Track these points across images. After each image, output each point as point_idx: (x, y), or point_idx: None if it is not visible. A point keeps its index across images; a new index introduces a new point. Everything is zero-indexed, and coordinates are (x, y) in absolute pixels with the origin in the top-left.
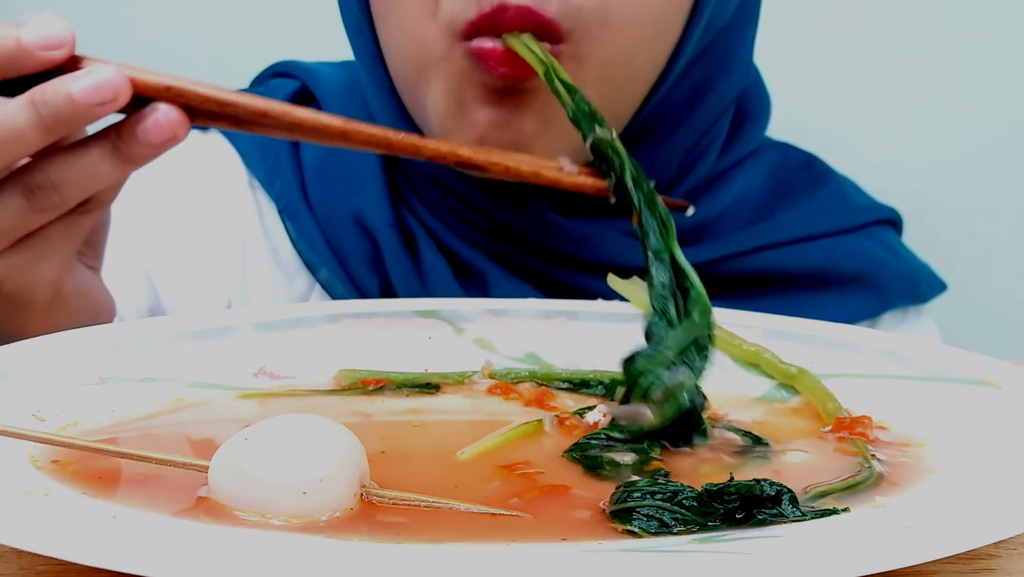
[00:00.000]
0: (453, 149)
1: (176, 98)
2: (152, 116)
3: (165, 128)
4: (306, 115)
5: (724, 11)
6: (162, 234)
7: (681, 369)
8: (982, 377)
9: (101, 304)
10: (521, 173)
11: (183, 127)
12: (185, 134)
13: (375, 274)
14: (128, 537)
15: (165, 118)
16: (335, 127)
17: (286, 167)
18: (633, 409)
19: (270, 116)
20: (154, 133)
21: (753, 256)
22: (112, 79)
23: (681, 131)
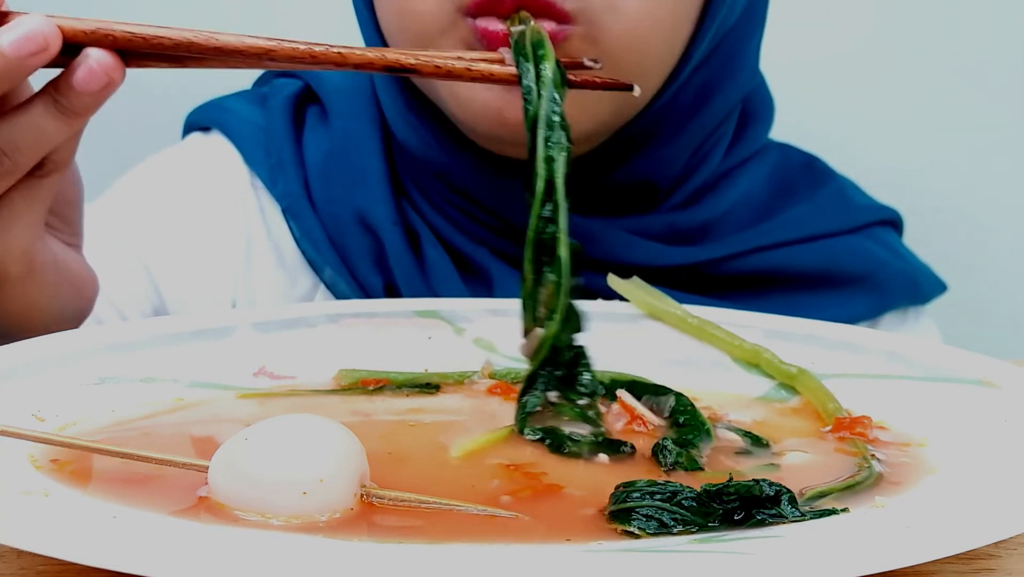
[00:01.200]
0: (381, 54)
1: (104, 39)
2: (84, 64)
3: (100, 74)
4: (230, 39)
5: (732, 13)
6: (166, 235)
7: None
8: (982, 377)
9: (81, 279)
10: (453, 70)
11: (118, 70)
12: (121, 77)
13: (379, 272)
14: (128, 537)
15: (98, 64)
16: (259, 47)
17: (289, 166)
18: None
19: (195, 45)
20: (90, 81)
21: (754, 256)
22: (40, 27)
23: (687, 132)
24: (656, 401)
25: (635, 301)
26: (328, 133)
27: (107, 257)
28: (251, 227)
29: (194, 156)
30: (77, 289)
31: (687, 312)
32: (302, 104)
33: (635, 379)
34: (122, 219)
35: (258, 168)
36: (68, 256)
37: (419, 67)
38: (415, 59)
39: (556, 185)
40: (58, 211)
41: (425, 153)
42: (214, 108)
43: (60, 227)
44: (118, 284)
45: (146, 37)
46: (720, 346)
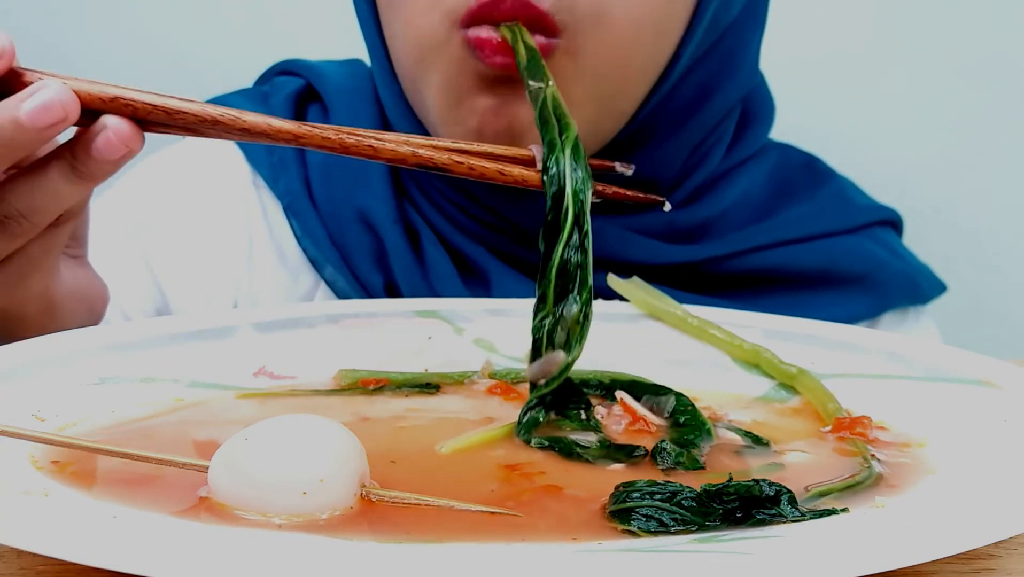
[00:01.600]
0: (413, 151)
1: (123, 109)
2: (103, 133)
3: (118, 144)
4: (256, 120)
5: (730, 11)
6: (168, 234)
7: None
8: (982, 377)
9: (94, 298)
10: (486, 173)
11: (136, 140)
12: (140, 145)
13: (379, 271)
14: (128, 537)
15: (116, 134)
16: (287, 131)
17: (291, 165)
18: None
19: (221, 123)
20: (108, 150)
21: (754, 255)
22: (59, 97)
23: (685, 130)
24: (656, 401)
25: (635, 301)
26: None
27: (110, 256)
28: (253, 225)
29: (196, 155)
30: (90, 307)
31: (687, 312)
32: (303, 102)
33: (635, 379)
34: (125, 218)
35: (260, 166)
36: (79, 277)
37: (450, 167)
38: (448, 159)
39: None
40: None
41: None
42: None
43: (68, 243)
44: (122, 283)
45: (168, 110)
46: (720, 346)
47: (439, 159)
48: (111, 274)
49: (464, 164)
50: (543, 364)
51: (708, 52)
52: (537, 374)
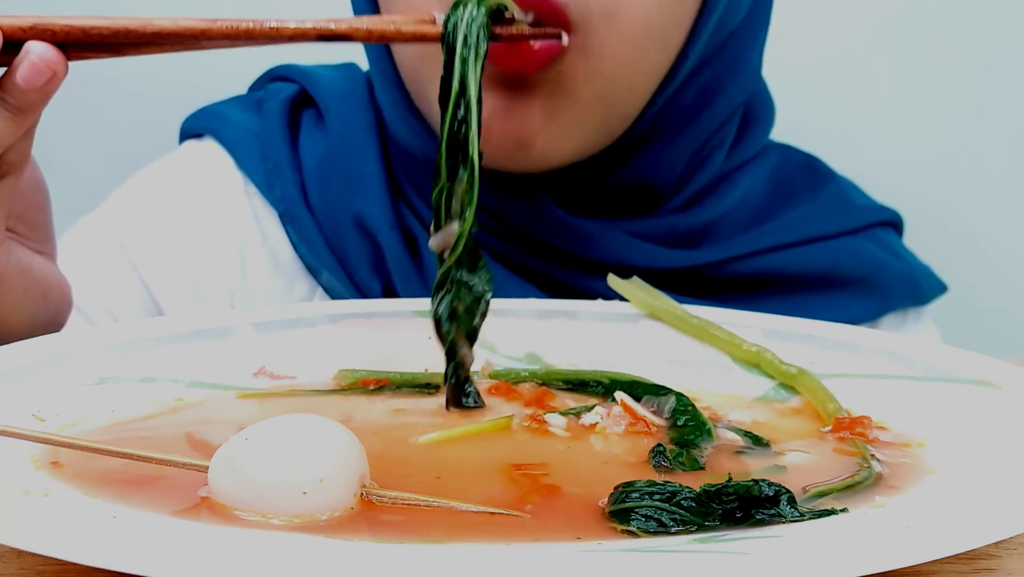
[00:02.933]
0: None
1: (43, 34)
2: (27, 61)
3: (42, 68)
4: (165, 22)
5: (735, 15)
6: (161, 244)
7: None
8: (982, 377)
9: (48, 285)
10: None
11: (60, 63)
12: (64, 70)
13: (377, 277)
14: (128, 537)
15: (40, 58)
16: (195, 28)
17: (285, 171)
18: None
19: (132, 31)
20: (33, 76)
21: (755, 258)
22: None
23: (688, 133)
24: (656, 402)
25: (635, 301)
26: (324, 137)
27: (104, 267)
28: (246, 233)
29: (187, 164)
30: (44, 295)
31: (687, 312)
32: (297, 108)
33: (635, 379)
34: (118, 229)
35: (252, 173)
36: (34, 262)
37: (351, 33)
38: (347, 26)
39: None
40: (23, 217)
41: (427, 154)
42: (207, 114)
43: (28, 234)
44: (115, 293)
45: (84, 27)
46: (720, 346)
47: (338, 28)
48: (105, 284)
49: (362, 29)
50: (443, 235)
51: (713, 56)
52: (439, 245)
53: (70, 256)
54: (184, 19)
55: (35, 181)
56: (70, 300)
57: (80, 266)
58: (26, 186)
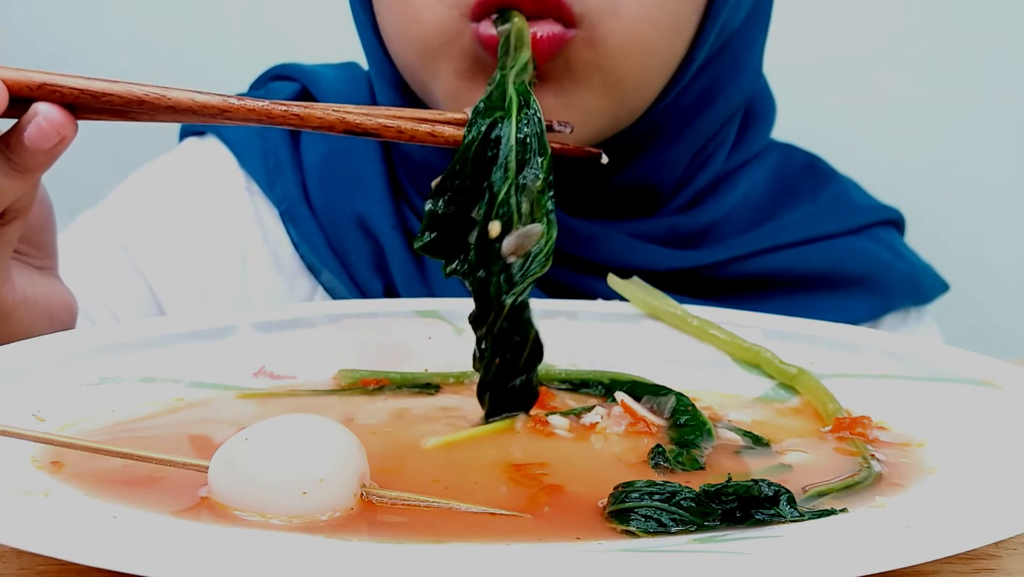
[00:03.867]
0: (340, 117)
1: (51, 96)
2: (34, 122)
3: (50, 132)
4: (182, 96)
5: (737, 15)
6: (162, 242)
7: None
8: (982, 377)
9: (54, 308)
10: (416, 135)
11: (68, 127)
12: (73, 133)
13: (378, 276)
14: (128, 537)
15: (47, 121)
16: (213, 105)
17: (287, 170)
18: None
19: (147, 103)
20: (41, 139)
21: (756, 259)
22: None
23: (690, 133)
24: (656, 402)
25: (635, 301)
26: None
27: (105, 266)
28: (247, 231)
29: (189, 161)
30: (50, 319)
31: (687, 312)
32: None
33: (635, 379)
34: (119, 227)
35: (254, 172)
36: (38, 287)
37: (380, 131)
38: (376, 123)
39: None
40: (28, 237)
41: (427, 157)
42: None
43: (31, 252)
44: (116, 292)
45: (94, 92)
46: (720, 346)
47: (368, 124)
48: (106, 283)
49: (393, 128)
50: (520, 237)
51: (714, 56)
52: (512, 246)
53: (71, 254)
54: (201, 94)
55: (40, 201)
56: (75, 315)
57: (81, 264)
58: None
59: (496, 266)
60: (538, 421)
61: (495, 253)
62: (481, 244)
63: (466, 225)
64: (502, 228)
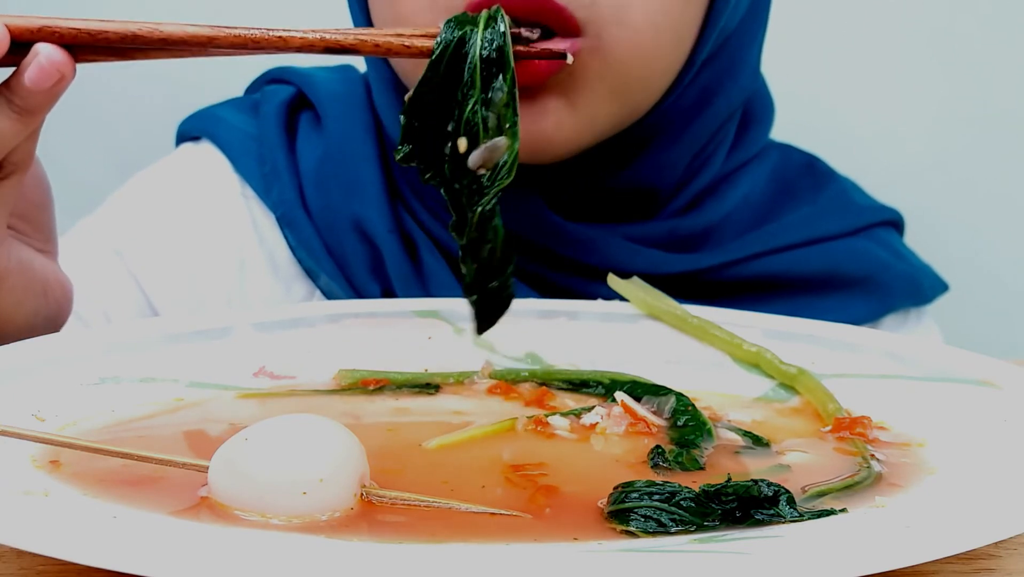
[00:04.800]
0: (320, 36)
1: (51, 36)
2: (35, 62)
3: (50, 70)
4: (172, 28)
5: (734, 16)
6: (157, 248)
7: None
8: (982, 377)
9: (49, 283)
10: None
11: (68, 65)
12: (72, 72)
13: (376, 280)
14: (128, 537)
15: (48, 60)
16: (203, 35)
17: (283, 174)
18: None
19: (140, 36)
20: (41, 78)
21: (756, 261)
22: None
23: (689, 134)
24: (656, 402)
25: (635, 301)
26: (322, 140)
27: (99, 270)
28: (243, 236)
29: (183, 167)
30: (44, 293)
31: (687, 312)
32: (295, 110)
33: (635, 379)
34: (113, 232)
35: (249, 176)
36: (35, 260)
37: (358, 47)
38: (354, 38)
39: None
40: (26, 215)
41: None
42: (204, 117)
43: (30, 232)
44: (110, 296)
45: (91, 31)
46: (720, 346)
47: (346, 40)
48: (102, 288)
49: (369, 42)
50: (486, 151)
51: (713, 56)
52: (481, 160)
53: (67, 260)
54: (192, 26)
55: (38, 180)
56: (71, 298)
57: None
58: (29, 185)
59: (466, 179)
60: (538, 422)
61: (464, 167)
62: (453, 158)
63: (441, 137)
64: (469, 143)
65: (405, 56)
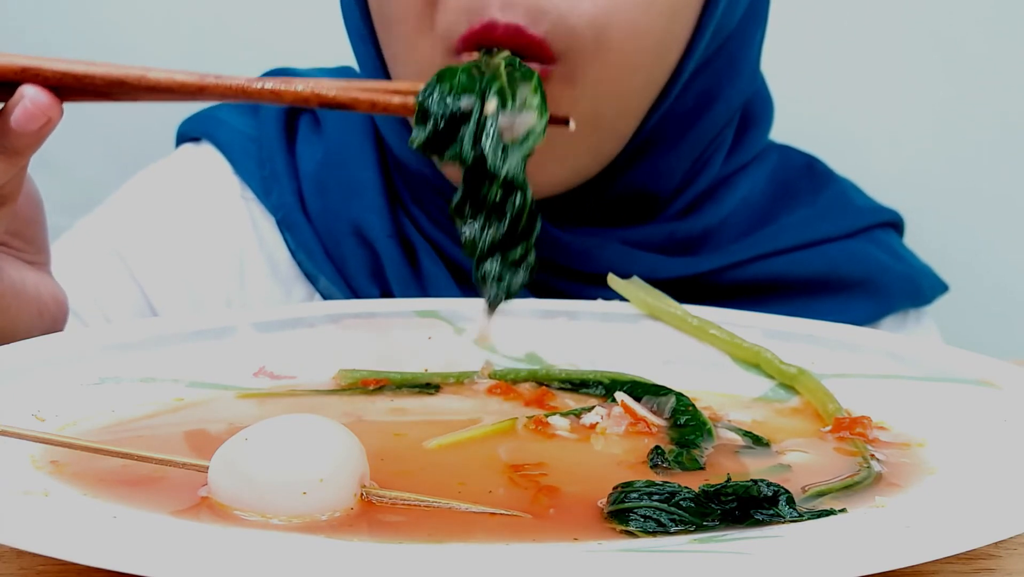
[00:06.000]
0: (315, 91)
1: (34, 79)
2: (20, 105)
3: (37, 115)
4: (161, 76)
5: (731, 18)
6: (156, 249)
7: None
8: (982, 377)
9: (43, 302)
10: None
11: (54, 108)
12: (59, 115)
13: (375, 284)
14: (128, 537)
15: (33, 104)
16: (191, 84)
17: (282, 177)
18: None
19: (127, 83)
20: (27, 121)
21: (755, 264)
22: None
23: (688, 139)
24: (656, 402)
25: (635, 301)
26: (322, 143)
27: (98, 271)
28: (243, 238)
29: (183, 168)
30: (38, 312)
31: (687, 312)
32: (294, 113)
33: (635, 379)
34: (113, 233)
35: (249, 179)
36: (27, 279)
37: (353, 104)
38: (350, 96)
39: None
40: (18, 232)
41: (422, 169)
42: (204, 118)
43: (22, 247)
44: (110, 298)
45: (76, 75)
46: (720, 346)
47: (342, 97)
48: (100, 289)
49: (367, 100)
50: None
51: (710, 59)
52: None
53: (65, 261)
54: (180, 73)
55: (29, 195)
56: (66, 311)
57: (75, 272)
58: (20, 202)
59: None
60: (538, 422)
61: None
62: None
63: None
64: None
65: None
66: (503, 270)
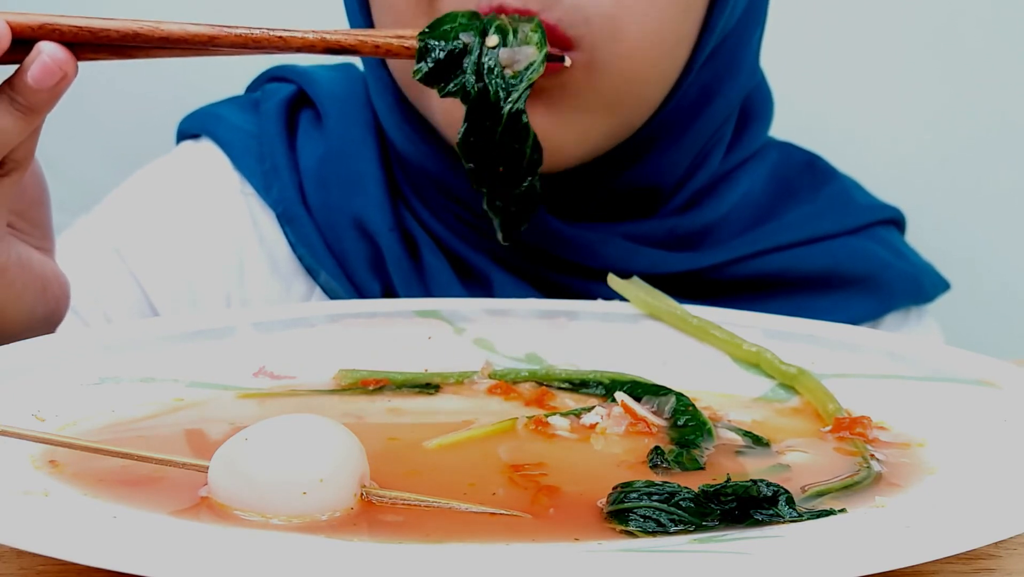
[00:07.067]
0: (321, 37)
1: (51, 34)
2: (38, 60)
3: (53, 69)
4: (174, 27)
5: (733, 13)
6: (156, 246)
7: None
8: (982, 377)
9: (47, 279)
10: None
11: (70, 64)
12: (74, 71)
13: (376, 278)
14: (128, 537)
15: (51, 59)
16: (204, 34)
17: (283, 172)
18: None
19: (141, 35)
20: (44, 77)
21: (756, 260)
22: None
23: (689, 135)
24: (656, 402)
25: (635, 301)
26: (323, 138)
27: (98, 269)
28: (243, 234)
29: (183, 165)
30: (43, 289)
31: (687, 312)
32: (295, 109)
33: (635, 379)
34: (112, 230)
35: (249, 174)
36: (33, 256)
37: (358, 47)
38: (354, 39)
39: None
40: (24, 213)
41: (424, 163)
42: (204, 115)
43: (28, 230)
44: (110, 295)
45: (92, 29)
46: (720, 346)
47: (346, 41)
48: (101, 286)
49: (369, 43)
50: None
51: (712, 55)
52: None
53: (65, 258)
54: (193, 25)
55: (36, 178)
56: (68, 295)
57: (75, 269)
58: (28, 182)
59: (494, 76)
60: (538, 422)
61: (493, 62)
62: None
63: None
64: (500, 40)
65: (405, 57)
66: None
